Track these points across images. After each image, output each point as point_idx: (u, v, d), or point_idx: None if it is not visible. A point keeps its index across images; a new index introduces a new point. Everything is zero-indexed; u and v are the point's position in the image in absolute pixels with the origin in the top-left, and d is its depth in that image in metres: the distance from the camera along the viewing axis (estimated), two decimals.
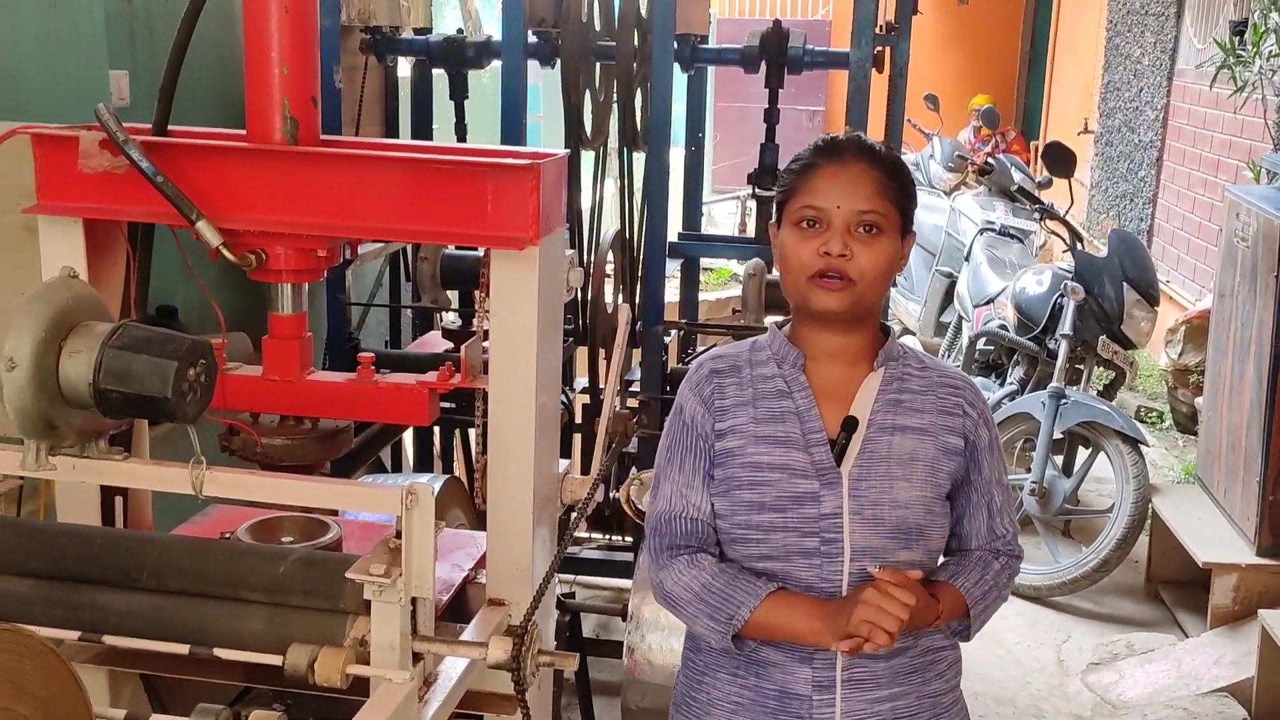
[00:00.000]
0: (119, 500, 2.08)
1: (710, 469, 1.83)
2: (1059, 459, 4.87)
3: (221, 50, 3.17)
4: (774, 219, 1.87)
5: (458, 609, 2.14)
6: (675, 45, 3.65)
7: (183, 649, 1.65)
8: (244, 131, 2.00)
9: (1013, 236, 6.32)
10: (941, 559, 1.91)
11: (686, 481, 1.84)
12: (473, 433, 3.85)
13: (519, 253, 1.86)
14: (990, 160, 7.13)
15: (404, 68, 4.19)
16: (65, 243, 1.97)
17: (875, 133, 2.77)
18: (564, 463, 2.19)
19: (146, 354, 1.54)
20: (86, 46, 2.85)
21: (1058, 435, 4.72)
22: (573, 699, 3.53)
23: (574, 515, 2.11)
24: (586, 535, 4.02)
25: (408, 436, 4.12)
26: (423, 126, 4.08)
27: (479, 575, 2.18)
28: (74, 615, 1.71)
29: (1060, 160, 5.36)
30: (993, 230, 6.32)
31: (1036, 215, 6.15)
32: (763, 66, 3.74)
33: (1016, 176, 6.78)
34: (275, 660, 1.63)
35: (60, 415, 1.58)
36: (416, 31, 4.05)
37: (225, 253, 1.87)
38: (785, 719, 1.83)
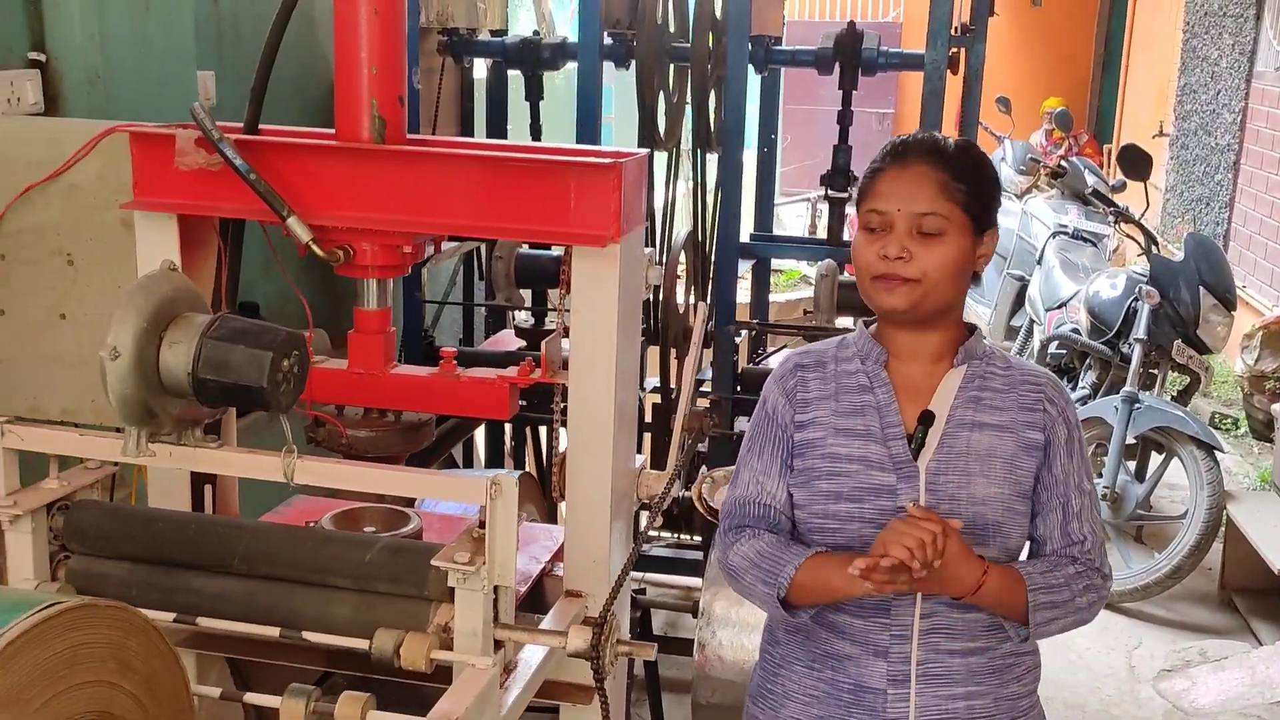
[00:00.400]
0: (208, 489, 2.15)
1: (790, 460, 1.86)
2: (1132, 464, 4.80)
3: (302, 52, 3.24)
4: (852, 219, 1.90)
5: (535, 601, 2.17)
6: (750, 47, 3.68)
7: (273, 632, 1.70)
8: (331, 130, 2.05)
9: (1086, 240, 6.25)
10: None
11: (764, 469, 1.87)
12: (544, 430, 3.91)
13: (600, 250, 1.89)
14: (1064, 163, 7.05)
15: (480, 69, 4.25)
16: (160, 237, 2.03)
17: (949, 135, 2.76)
18: (640, 458, 2.21)
19: (243, 345, 1.59)
20: (176, 48, 2.93)
21: (1130, 440, 4.66)
22: (642, 695, 3.55)
23: (650, 509, 2.14)
24: (657, 534, 4.04)
25: (479, 434, 4.17)
26: (498, 127, 4.13)
27: (555, 568, 2.21)
28: (168, 598, 1.76)
29: (1136, 163, 5.29)
30: (1065, 234, 6.25)
31: (1110, 219, 6.07)
32: (836, 68, 3.74)
33: (1090, 180, 6.70)
34: (360, 644, 1.67)
35: (159, 403, 1.64)
36: (493, 33, 4.11)
37: (315, 248, 1.92)
38: (860, 713, 1.83)
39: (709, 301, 3.64)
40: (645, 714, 3.54)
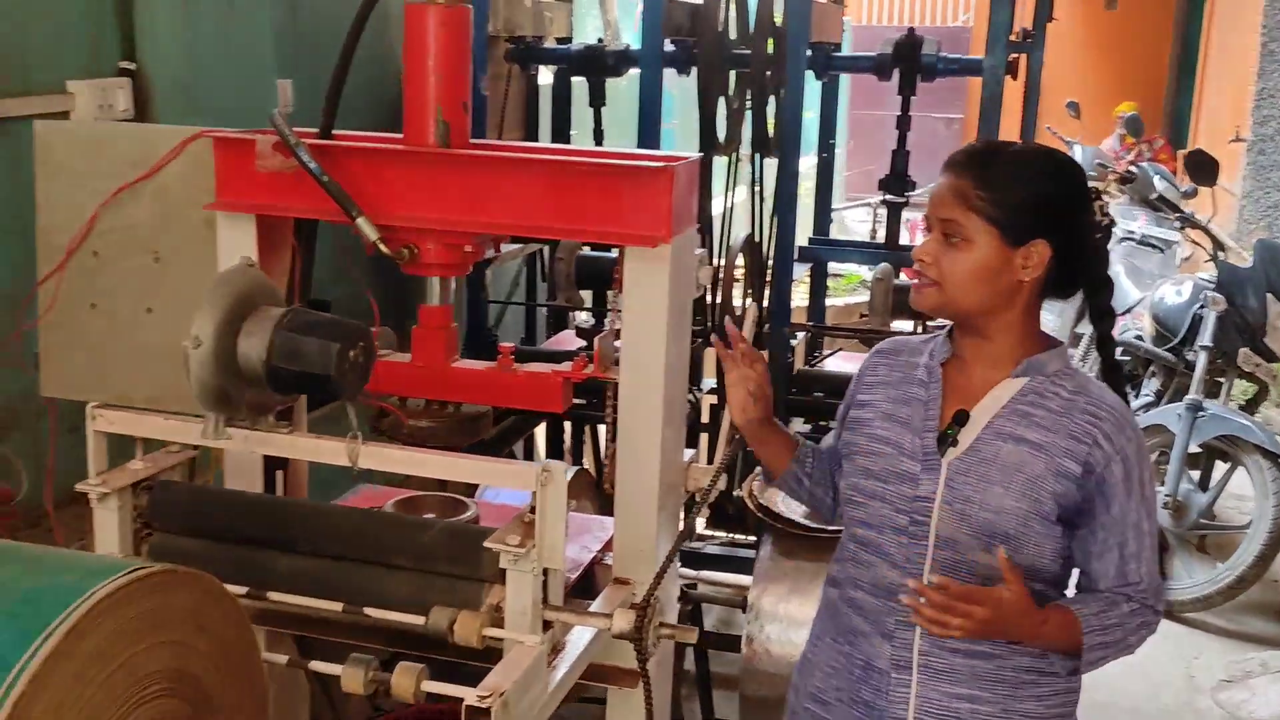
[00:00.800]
0: (279, 475, 2.28)
1: (844, 426, 2.05)
2: (1196, 474, 4.77)
3: (375, 61, 3.37)
4: None
5: (586, 587, 2.25)
6: (809, 53, 3.74)
7: (337, 607, 1.81)
8: (400, 135, 2.16)
9: (1154, 246, 6.20)
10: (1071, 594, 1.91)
11: (833, 432, 2.13)
12: (602, 428, 4.00)
13: (651, 250, 1.98)
14: (1132, 169, 6.99)
15: (545, 75, 4.37)
16: (240, 236, 2.16)
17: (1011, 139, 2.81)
18: (689, 452, 2.29)
19: (314, 336, 1.70)
20: (257, 57, 3.08)
21: (1195, 449, 4.63)
22: (693, 690, 3.63)
23: (697, 501, 2.22)
24: (710, 532, 4.11)
25: (540, 431, 4.28)
26: (562, 131, 4.24)
27: (605, 557, 2.30)
28: (242, 573, 1.88)
29: (1203, 168, 5.25)
30: (1133, 240, 6.20)
31: (1178, 225, 6.02)
32: (896, 74, 3.80)
33: (1159, 185, 6.64)
34: (418, 621, 1.77)
35: (236, 390, 1.76)
36: (558, 41, 4.22)
37: (382, 247, 2.03)
38: (866, 690, 1.92)
39: (764, 304, 3.70)
40: (696, 709, 3.61)
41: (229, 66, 2.96)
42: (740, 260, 3.79)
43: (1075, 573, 1.92)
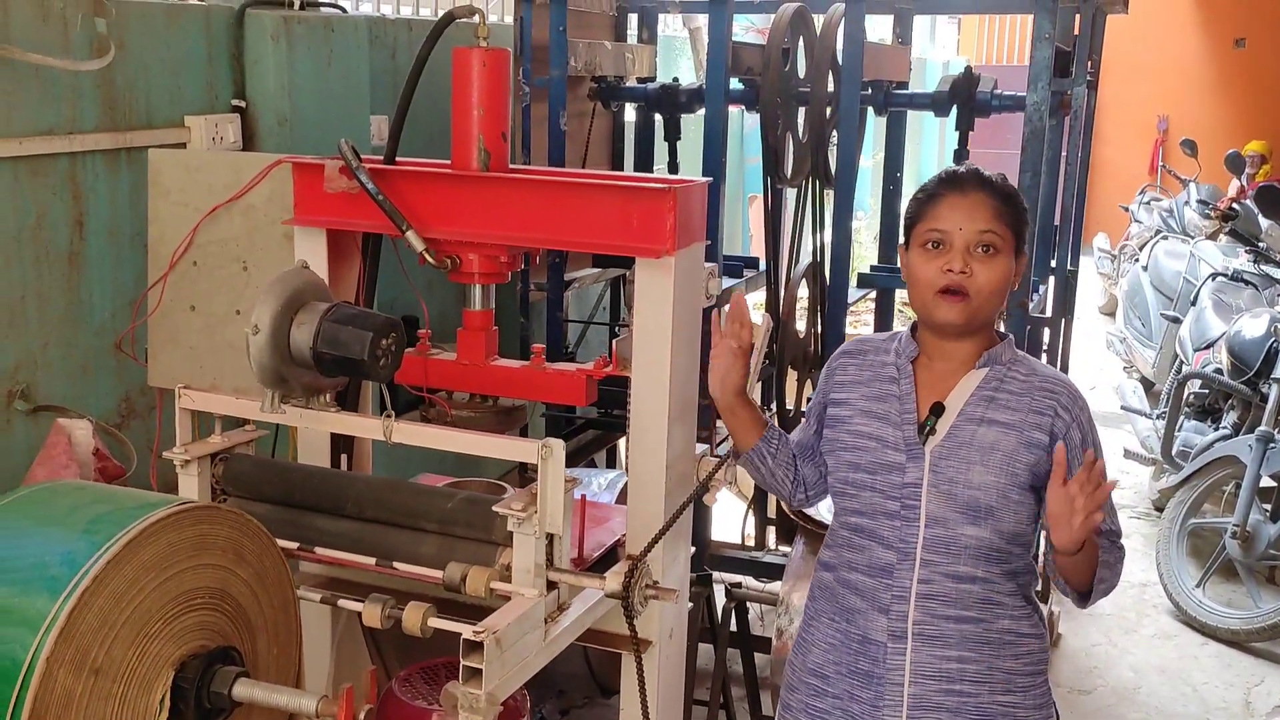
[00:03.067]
0: (344, 458, 2.60)
1: (819, 426, 2.24)
2: (1268, 506, 4.77)
3: (442, 98, 3.72)
4: (902, 242, 2.18)
5: (608, 565, 2.51)
6: (870, 90, 3.96)
7: (370, 561, 2.11)
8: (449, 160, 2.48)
9: (1246, 283, 6.17)
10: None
11: (805, 425, 2.30)
12: None
13: (657, 261, 2.24)
14: (1234, 206, 6.95)
15: (630, 113, 4.68)
16: (313, 248, 2.50)
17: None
18: (702, 447, 2.53)
19: (352, 326, 2.01)
20: (352, 95, 3.46)
21: (1267, 481, 4.65)
22: (744, 691, 3.84)
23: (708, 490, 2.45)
24: (774, 547, 4.34)
25: (623, 443, 4.56)
26: (645, 164, 4.55)
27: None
28: (298, 531, 2.20)
29: (1275, 203, 5.25)
30: (1224, 276, 6.19)
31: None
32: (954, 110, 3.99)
33: (1264, 223, 6.60)
34: (438, 574, 2.05)
35: (290, 372, 2.08)
36: (639, 80, 4.53)
37: (428, 257, 2.34)
38: (864, 661, 2.13)
39: (818, 329, 3.92)
40: (745, 712, 3.83)
41: (327, 103, 3.34)
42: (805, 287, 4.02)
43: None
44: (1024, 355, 2.16)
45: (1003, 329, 2.22)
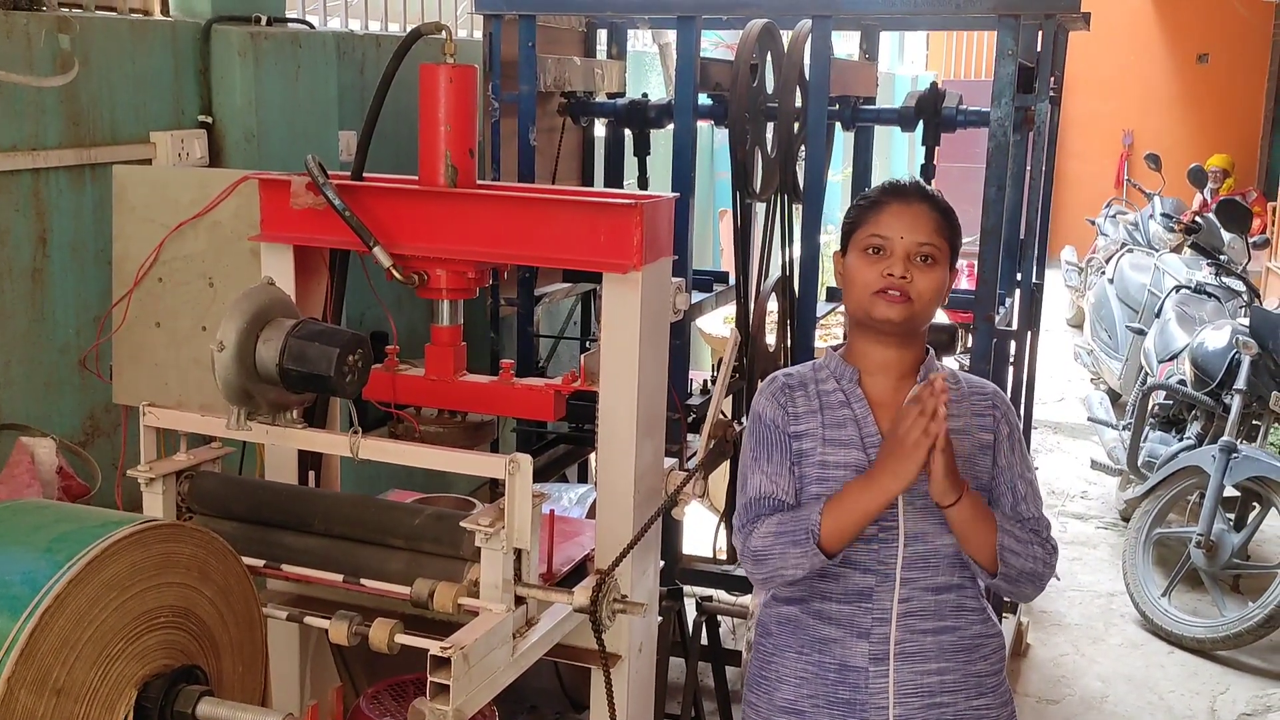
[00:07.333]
0: (311, 475, 2.59)
1: (791, 463, 2.15)
2: (1231, 516, 4.82)
3: (410, 114, 3.73)
4: (840, 247, 2.20)
5: (578, 580, 2.51)
6: (837, 106, 3.99)
7: (337, 578, 2.10)
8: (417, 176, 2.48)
9: (1209, 295, 6.25)
10: None
11: (775, 471, 2.16)
12: None
13: (624, 276, 2.25)
14: (1197, 219, 7.05)
15: (600, 128, 4.70)
16: (279, 265, 2.49)
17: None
18: (670, 461, 2.54)
19: (318, 342, 2.01)
20: (320, 111, 3.46)
21: (1230, 491, 4.70)
22: (715, 704, 3.85)
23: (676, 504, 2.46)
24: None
25: (594, 458, 4.56)
26: (615, 179, 4.56)
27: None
28: (265, 549, 2.19)
29: (1235, 217, 5.33)
30: (1188, 288, 6.27)
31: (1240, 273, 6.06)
32: (920, 125, 4.03)
33: (1226, 236, 6.69)
34: (405, 591, 2.05)
35: (256, 389, 2.07)
36: (609, 95, 4.55)
37: (395, 273, 2.34)
38: (844, 690, 2.12)
39: (788, 342, 3.94)
40: None
41: (295, 119, 3.34)
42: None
43: None
44: (946, 366, 2.23)
45: (970, 343, 2.27)
